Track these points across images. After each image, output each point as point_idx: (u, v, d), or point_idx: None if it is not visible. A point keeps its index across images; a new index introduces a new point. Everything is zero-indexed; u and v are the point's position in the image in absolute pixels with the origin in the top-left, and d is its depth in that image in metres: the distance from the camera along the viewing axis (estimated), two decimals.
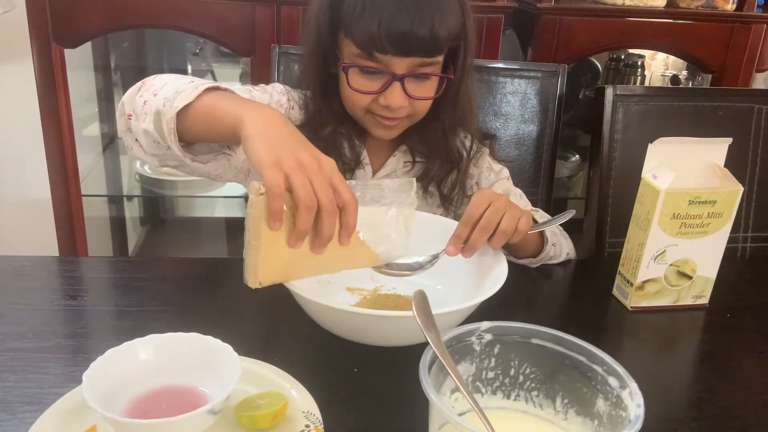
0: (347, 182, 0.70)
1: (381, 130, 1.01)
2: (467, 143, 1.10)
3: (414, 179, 0.81)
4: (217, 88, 0.81)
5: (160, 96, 0.82)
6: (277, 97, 1.05)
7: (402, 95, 0.95)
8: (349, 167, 1.05)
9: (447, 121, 1.04)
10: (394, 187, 0.79)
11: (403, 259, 0.84)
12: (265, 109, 0.76)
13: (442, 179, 1.07)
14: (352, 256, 0.77)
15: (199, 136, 0.82)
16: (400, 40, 0.89)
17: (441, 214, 1.06)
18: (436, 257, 0.86)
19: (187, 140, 0.83)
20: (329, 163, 0.70)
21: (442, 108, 1.02)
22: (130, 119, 0.86)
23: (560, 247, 1.04)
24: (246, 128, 0.72)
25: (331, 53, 0.98)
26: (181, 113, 0.79)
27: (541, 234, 1.00)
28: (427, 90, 0.98)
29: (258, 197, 0.66)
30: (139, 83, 0.87)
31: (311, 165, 0.68)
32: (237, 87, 0.93)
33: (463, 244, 0.85)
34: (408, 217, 0.81)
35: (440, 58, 0.96)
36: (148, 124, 0.82)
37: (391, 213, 0.79)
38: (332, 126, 1.02)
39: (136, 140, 0.87)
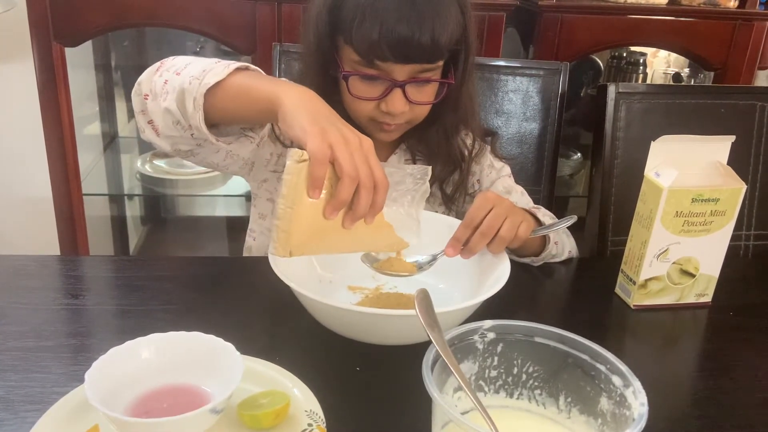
0: None
1: (382, 133, 1.01)
2: (468, 141, 1.10)
3: (430, 167, 0.81)
4: (246, 68, 0.81)
5: (184, 75, 0.81)
6: None
7: (403, 101, 0.94)
8: None
9: (448, 123, 1.04)
10: (414, 172, 0.80)
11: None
12: (301, 87, 0.76)
13: (444, 180, 1.07)
14: (377, 237, 0.76)
15: (229, 115, 0.82)
16: (401, 47, 0.89)
17: (442, 213, 1.06)
18: (435, 258, 0.86)
19: (212, 120, 0.82)
20: (368, 142, 0.71)
21: (442, 110, 1.02)
22: (146, 99, 0.85)
23: (562, 245, 1.04)
24: (284, 103, 0.72)
25: (331, 57, 0.97)
26: (210, 92, 0.78)
27: None
28: (427, 95, 0.97)
29: (298, 164, 0.65)
30: (157, 63, 0.87)
31: (354, 140, 0.69)
32: None
33: (463, 246, 0.85)
34: (419, 209, 0.81)
35: (441, 63, 0.96)
36: (169, 103, 0.81)
37: (407, 202, 0.79)
38: None
39: (149, 122, 0.86)
